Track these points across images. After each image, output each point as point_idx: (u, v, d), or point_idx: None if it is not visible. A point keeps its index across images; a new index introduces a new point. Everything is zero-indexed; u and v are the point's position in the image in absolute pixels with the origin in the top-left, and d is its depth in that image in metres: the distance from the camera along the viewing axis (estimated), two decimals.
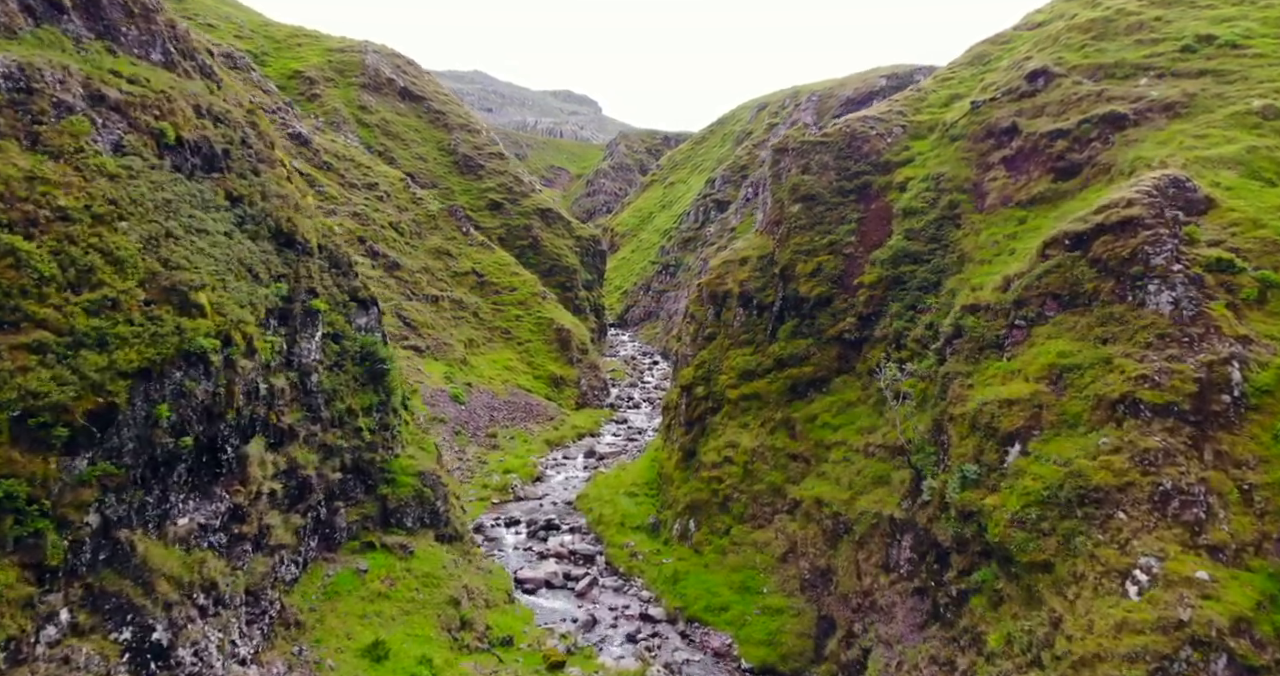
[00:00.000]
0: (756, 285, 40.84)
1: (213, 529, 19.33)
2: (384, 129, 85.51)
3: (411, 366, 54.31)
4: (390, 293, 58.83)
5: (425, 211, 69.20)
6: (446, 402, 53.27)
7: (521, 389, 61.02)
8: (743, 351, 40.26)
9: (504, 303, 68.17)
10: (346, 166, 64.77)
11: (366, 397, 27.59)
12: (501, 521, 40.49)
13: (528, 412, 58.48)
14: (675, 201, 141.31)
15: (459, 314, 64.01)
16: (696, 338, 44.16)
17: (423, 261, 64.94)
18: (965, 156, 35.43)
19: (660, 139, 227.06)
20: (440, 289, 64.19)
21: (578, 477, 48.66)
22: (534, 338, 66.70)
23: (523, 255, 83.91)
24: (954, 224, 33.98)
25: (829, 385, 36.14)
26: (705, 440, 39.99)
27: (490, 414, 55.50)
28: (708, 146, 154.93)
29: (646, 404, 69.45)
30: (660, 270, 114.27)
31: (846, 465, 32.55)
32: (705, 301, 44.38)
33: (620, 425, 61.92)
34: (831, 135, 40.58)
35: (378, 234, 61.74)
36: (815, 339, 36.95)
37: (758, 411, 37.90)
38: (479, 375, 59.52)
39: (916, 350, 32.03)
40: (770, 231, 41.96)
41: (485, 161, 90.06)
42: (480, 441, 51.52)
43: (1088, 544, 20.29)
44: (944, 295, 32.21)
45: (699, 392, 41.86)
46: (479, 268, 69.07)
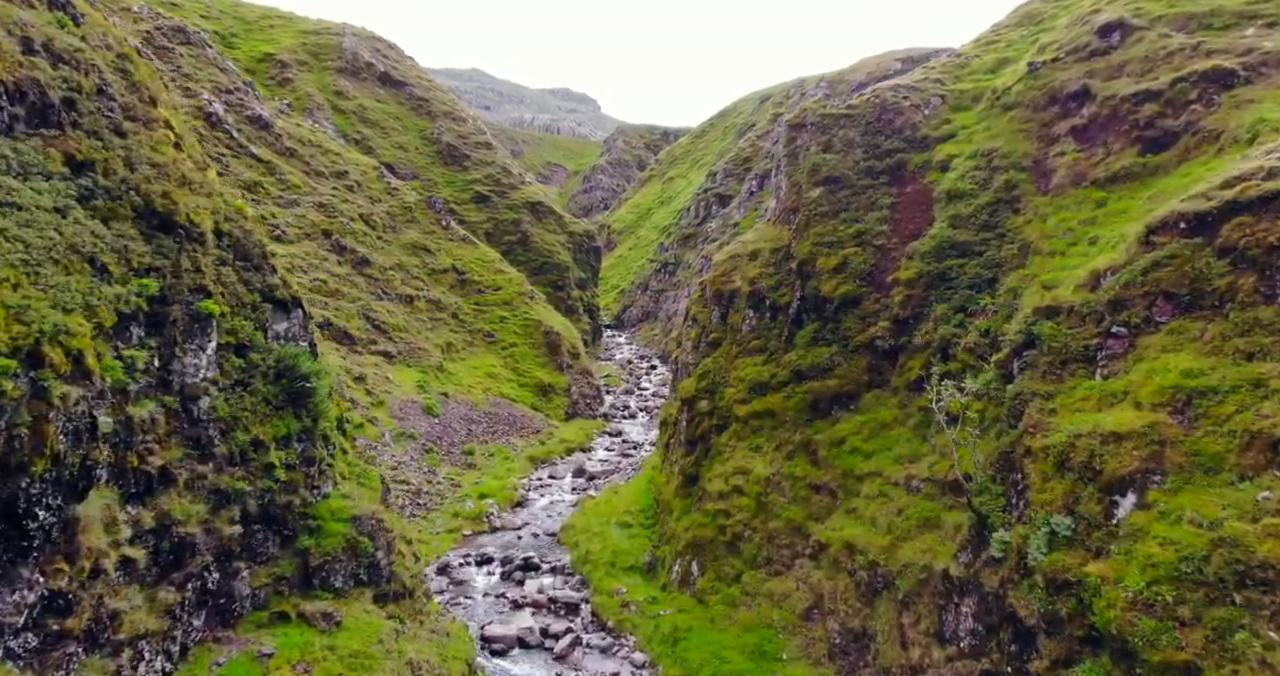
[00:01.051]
0: (769, 283, 35.01)
1: (11, 630, 13.48)
2: (361, 116, 79.65)
3: (379, 374, 48.50)
4: (358, 292, 53.00)
5: (401, 203, 63.32)
6: (418, 415, 47.41)
7: (505, 398, 55.16)
8: (753, 360, 34.43)
9: (487, 303, 62.31)
10: (312, 153, 58.90)
11: (283, 424, 21.71)
12: (472, 559, 34.63)
13: (511, 425, 52.62)
14: (675, 197, 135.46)
15: (436, 315, 58.14)
16: (699, 344, 38.33)
17: (396, 257, 59.07)
18: (1022, 128, 29.57)
19: (659, 134, 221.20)
20: (416, 288, 58.32)
21: (564, 502, 42.78)
22: (520, 341, 60.85)
23: (511, 252, 78.13)
24: (1012, 208, 28.13)
25: (858, 402, 30.30)
26: (710, 464, 34.15)
27: (468, 427, 49.64)
28: (708, 140, 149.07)
29: (643, 413, 63.60)
30: (659, 268, 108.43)
31: (883, 502, 26.70)
32: (709, 302, 38.54)
33: (614, 438, 56.05)
34: (858, 107, 34.73)
35: (345, 227, 55.86)
36: (840, 346, 31.12)
37: (772, 432, 32.05)
38: (457, 383, 53.66)
39: (969, 362, 26.20)
40: (785, 220, 36.12)
41: (471, 151, 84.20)
42: (455, 459, 45.66)
43: (1254, 643, 14.46)
44: (1002, 294, 26.36)
45: (702, 407, 36.03)
46: (460, 264, 63.19)
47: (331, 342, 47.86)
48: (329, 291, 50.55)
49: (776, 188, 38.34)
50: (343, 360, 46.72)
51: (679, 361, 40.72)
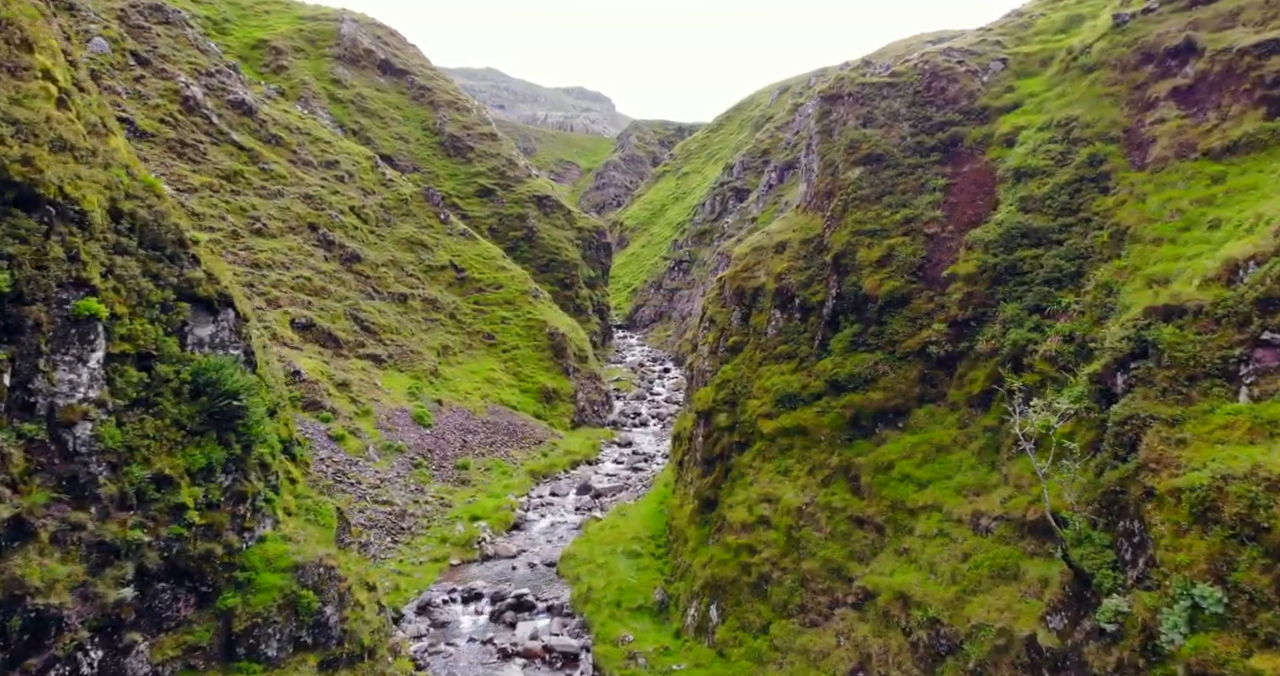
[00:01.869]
0: (799, 279, 30.36)
1: None
2: (359, 105, 75.62)
3: (365, 380, 44.26)
4: (346, 290, 48.82)
5: (396, 195, 59.13)
6: (407, 426, 43.13)
7: (505, 405, 50.81)
8: (781, 368, 29.82)
9: (487, 302, 58.00)
10: (300, 140, 54.81)
11: (201, 454, 17.38)
12: (458, 595, 30.25)
13: (511, 435, 48.25)
14: (689, 192, 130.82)
15: (432, 315, 53.89)
16: (717, 348, 33.76)
17: (390, 253, 54.88)
18: (1108, 92, 24.74)
19: (674, 130, 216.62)
20: (410, 286, 54.10)
21: (566, 524, 38.33)
22: (522, 343, 56.49)
23: (516, 248, 73.85)
24: (1099, 187, 23.33)
25: (907, 419, 25.64)
26: (731, 488, 29.59)
27: (463, 438, 45.31)
28: (724, 134, 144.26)
29: (655, 421, 59.06)
30: (673, 266, 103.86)
31: (944, 543, 22.02)
32: (728, 301, 33.96)
33: (623, 449, 51.55)
34: (903, 74, 30.02)
35: (334, 220, 51.71)
36: (886, 353, 26.45)
37: (803, 452, 27.43)
38: (452, 389, 49.37)
39: (1050, 374, 21.49)
40: (817, 207, 31.48)
41: (475, 143, 80.00)
42: (446, 475, 41.32)
43: None
44: (1091, 291, 21.61)
45: (721, 422, 31.48)
46: (459, 260, 58.92)
47: (314, 346, 43.72)
48: (313, 290, 46.40)
49: (806, 170, 33.73)
50: (325, 365, 42.54)
51: (694, 368, 36.16)
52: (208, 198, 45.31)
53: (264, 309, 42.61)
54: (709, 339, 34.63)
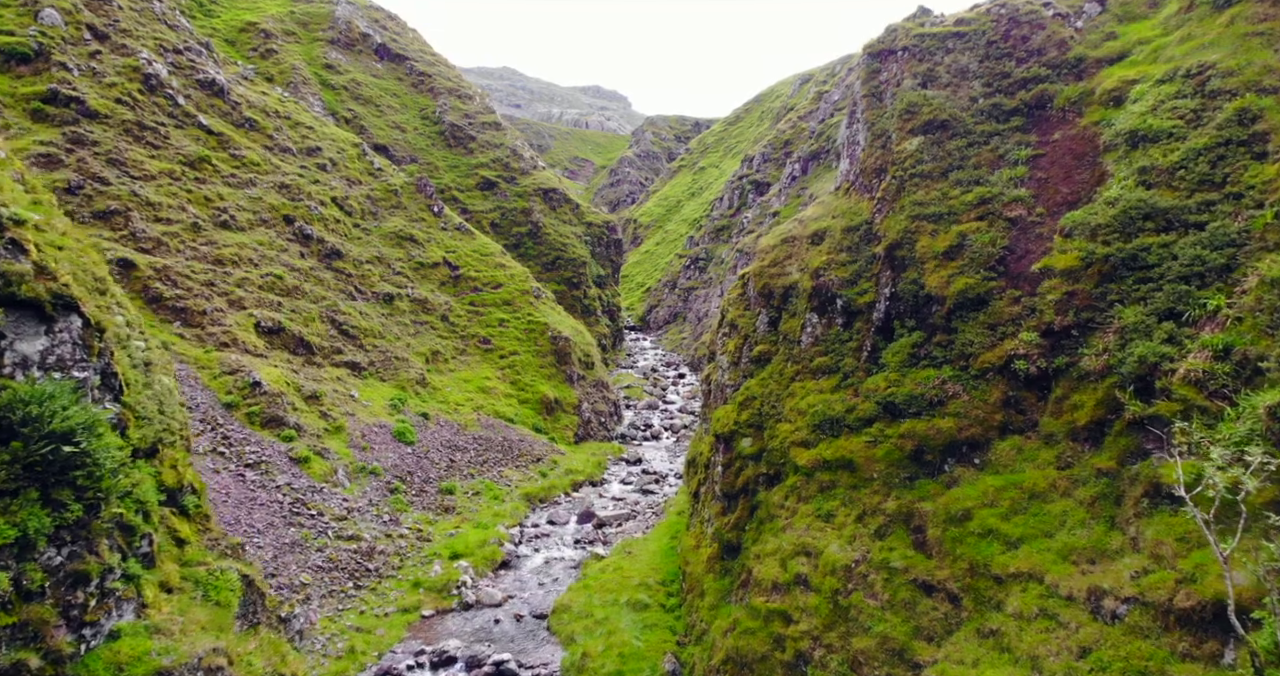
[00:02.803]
0: (841, 275, 24.79)
1: None
2: (353, 92, 70.74)
3: (340, 392, 39.17)
4: (323, 290, 43.78)
5: (385, 185, 54.07)
6: (386, 444, 37.98)
7: (500, 418, 45.57)
8: (819, 385, 24.29)
9: (484, 303, 52.83)
10: (277, 125, 49.87)
11: (9, 521, 12.16)
12: (426, 659, 24.98)
13: (505, 452, 42.99)
14: (706, 187, 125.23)
15: (421, 318, 48.78)
16: (739, 358, 28.28)
17: (376, 248, 49.83)
18: (1258, 31, 18.98)
19: (690, 125, 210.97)
20: (398, 285, 49.03)
21: (563, 561, 33.00)
22: (522, 348, 51.24)
23: (519, 245, 68.68)
24: (1252, 152, 17.61)
25: (986, 454, 20.07)
26: (758, 532, 24.13)
27: (450, 457, 40.10)
28: (742, 126, 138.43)
29: (669, 433, 53.63)
30: (688, 264, 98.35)
31: (1049, 629, 16.41)
32: (753, 302, 28.47)
33: (632, 467, 46.16)
34: (972, 22, 24.38)
35: (313, 212, 46.70)
36: (956, 369, 20.89)
37: (851, 493, 21.89)
38: (441, 401, 44.19)
39: (1197, 401, 15.86)
40: (864, 188, 25.92)
41: (477, 132, 74.94)
42: (428, 501, 36.12)
43: None
44: (1255, 290, 15.94)
45: (744, 448, 26.02)
46: (453, 257, 53.78)
47: (282, 352, 38.68)
48: (284, 289, 41.39)
49: (849, 144, 28.08)
50: (293, 374, 37.48)
51: (712, 381, 30.64)
52: (167, 186, 40.42)
53: (224, 311, 37.64)
54: (729, 347, 29.11)
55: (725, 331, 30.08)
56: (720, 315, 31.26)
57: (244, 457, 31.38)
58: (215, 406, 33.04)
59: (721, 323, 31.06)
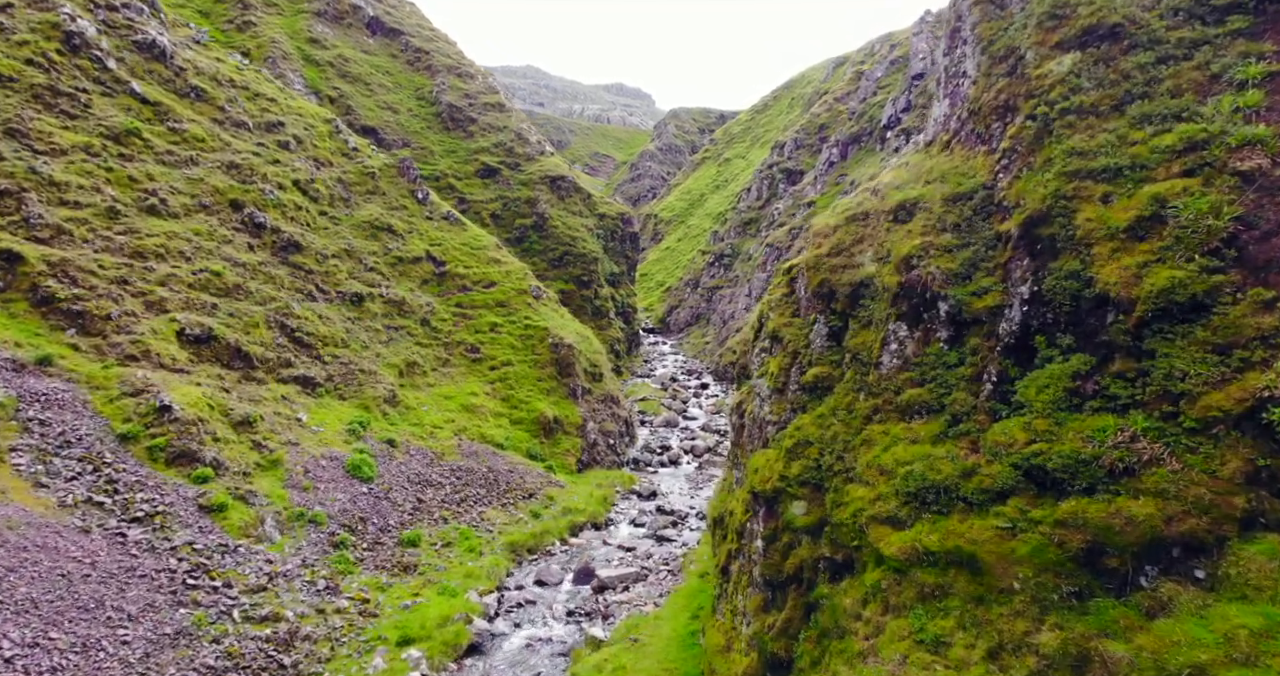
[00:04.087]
0: (945, 266, 16.64)
1: None
2: (340, 69, 63.61)
3: (284, 415, 31.83)
4: (274, 289, 36.45)
5: (360, 168, 46.71)
6: (336, 481, 30.48)
7: (486, 443, 37.93)
8: (912, 429, 16.25)
9: (473, 304, 45.26)
10: (231, 95, 42.66)
11: None
12: None
13: (490, 487, 35.34)
14: (732, 179, 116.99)
15: (397, 322, 41.30)
16: (785, 384, 20.25)
17: (345, 240, 42.44)
18: None
19: (715, 117, 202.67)
20: (369, 283, 41.59)
21: (550, 643, 25.20)
22: (517, 357, 43.58)
23: (523, 238, 61.15)
24: None
25: (1219, 561, 11.88)
26: (822, 653, 16.17)
27: (418, 496, 32.51)
28: (771, 114, 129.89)
29: (689, 458, 45.69)
30: (712, 261, 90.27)
31: None
32: (804, 305, 20.44)
33: (646, 502, 38.29)
34: None
35: (267, 197, 39.38)
36: (1157, 416, 12.74)
37: (974, 610, 13.79)
38: (414, 423, 36.64)
39: None
40: (976, 137, 17.78)
41: (478, 114, 67.51)
42: (383, 558, 28.53)
43: None
44: None
45: (796, 516, 18.10)
46: (438, 251, 46.29)
47: (211, 366, 31.34)
48: (222, 288, 34.08)
49: (949, 77, 19.74)
50: (222, 394, 30.13)
51: (746, 412, 22.57)
52: (80, 163, 33.31)
53: (137, 316, 30.39)
54: (771, 367, 21.06)
55: (764, 345, 22.03)
56: (759, 323, 23.22)
57: (132, 508, 24.00)
58: (105, 439, 25.72)
59: (759, 333, 23.02)
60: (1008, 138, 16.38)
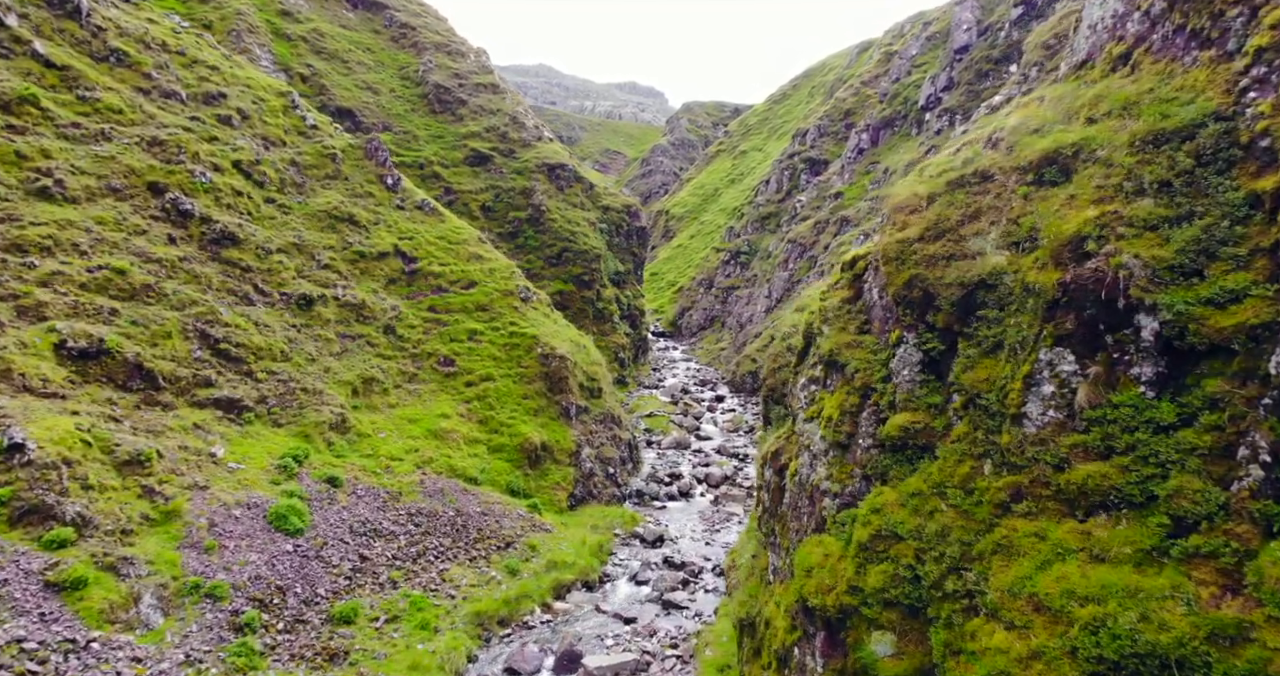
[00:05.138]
0: (1148, 253, 9.64)
1: None
2: (315, 45, 57.15)
3: (193, 450, 25.42)
4: (197, 290, 29.92)
5: (319, 148, 40.13)
6: (255, 535, 23.87)
7: (457, 478, 31.24)
8: (1094, 537, 9.36)
9: (449, 308, 38.60)
10: (161, 61, 36.21)
11: None
12: None
13: (458, 536, 28.62)
14: (748, 173, 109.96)
15: (354, 329, 34.69)
16: (851, 434, 13.31)
17: (296, 233, 35.89)
18: None
19: (729, 111, 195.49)
20: (323, 282, 35.01)
21: None
22: (499, 371, 36.86)
23: (518, 233, 54.48)
24: None
25: None
26: None
27: (361, 552, 25.82)
28: (789, 104, 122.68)
29: (704, 488, 38.84)
30: (728, 259, 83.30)
31: None
32: (879, 315, 13.51)
33: (651, 550, 31.47)
34: None
35: (197, 180, 32.87)
36: None
37: None
38: (366, 455, 30.00)
39: None
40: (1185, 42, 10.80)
41: (469, 96, 60.93)
42: (304, 642, 21.83)
43: None
44: None
45: (877, 658, 11.17)
46: (409, 245, 39.65)
47: (98, 387, 24.80)
48: (125, 290, 27.58)
49: None
50: (108, 424, 23.60)
51: (789, 472, 15.62)
52: None
53: (1, 325, 23.90)
54: (827, 408, 14.12)
55: (815, 373, 15.07)
56: (802, 339, 16.22)
57: None
58: None
59: (806, 354, 16.08)
60: (1265, 29, 9.41)
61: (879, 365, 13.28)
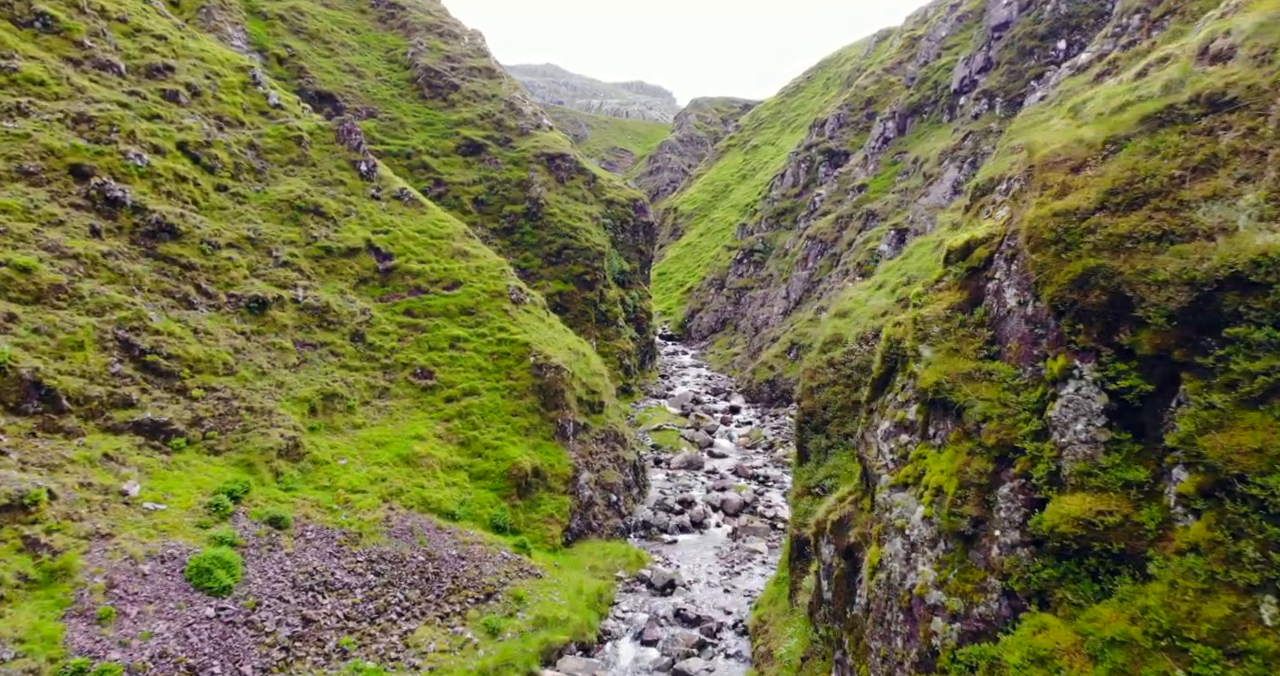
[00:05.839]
0: None
1: None
2: (294, 24, 52.54)
3: (101, 487, 20.90)
4: (123, 292, 25.30)
5: (283, 130, 35.45)
6: (167, 597, 19.18)
7: (430, 513, 26.49)
8: None
9: (428, 311, 33.87)
10: (98, 28, 31.60)
11: None
12: None
13: (427, 586, 23.84)
14: (761, 168, 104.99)
15: (316, 337, 29.98)
16: (983, 521, 8.35)
17: (251, 225, 31.20)
18: None
19: (739, 106, 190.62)
20: (280, 282, 30.31)
21: None
22: (485, 384, 32.09)
23: (514, 228, 49.84)
24: None
25: None
26: None
27: (306, 610, 21.05)
28: (803, 97, 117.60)
29: (720, 517, 34.01)
30: (739, 258, 78.38)
31: None
32: (1020, 331, 8.58)
33: (660, 599, 26.62)
34: None
35: (131, 164, 28.23)
36: None
37: None
38: (322, 487, 25.29)
39: None
40: None
41: (462, 80, 56.25)
42: None
43: None
44: None
45: None
46: (384, 240, 34.93)
47: None
48: (29, 291, 22.98)
49: None
50: None
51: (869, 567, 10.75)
52: None
53: None
54: (933, 475, 9.24)
55: (908, 416, 10.19)
56: (885, 363, 11.29)
57: None
58: None
59: (887, 384, 11.15)
60: None
61: (1025, 411, 8.41)
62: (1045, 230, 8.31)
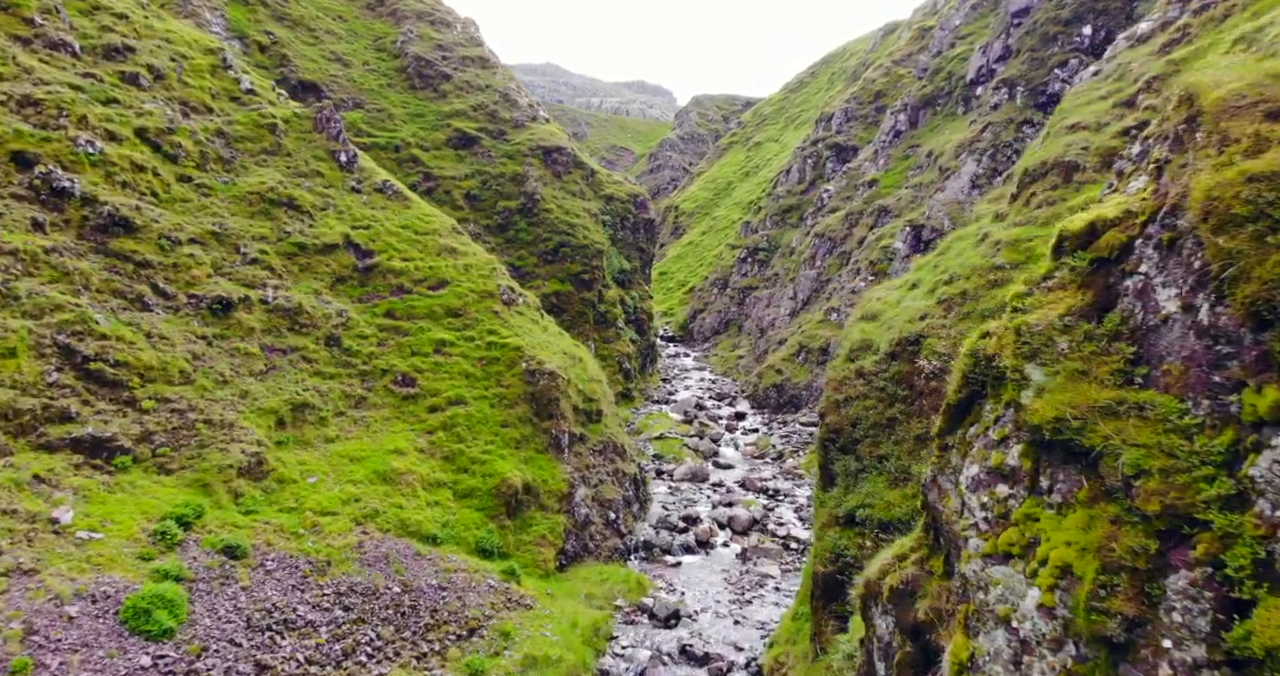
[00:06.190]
0: None
1: None
2: (277, 10, 50.00)
3: (25, 515, 18.13)
4: (67, 292, 22.80)
5: (255, 117, 32.85)
6: (96, 643, 16.56)
7: (409, 537, 23.91)
8: None
9: (411, 313, 31.28)
10: (49, 4, 28.98)
11: None
12: None
13: (403, 621, 21.25)
14: (764, 165, 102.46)
15: (286, 341, 27.39)
16: (1132, 625, 5.83)
17: (218, 219, 28.61)
18: None
19: (740, 104, 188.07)
20: (248, 281, 27.71)
21: None
22: (473, 392, 29.50)
23: (508, 225, 47.33)
24: None
25: None
26: None
27: (260, 655, 18.44)
28: (808, 93, 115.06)
29: (726, 534, 31.44)
30: (743, 257, 75.84)
31: None
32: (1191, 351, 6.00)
33: (663, 632, 24.03)
34: None
35: (81, 152, 25.66)
36: None
37: None
38: (287, 509, 22.73)
39: None
40: None
41: (454, 70, 53.70)
42: None
43: None
44: None
45: None
46: (364, 236, 32.33)
47: None
48: None
49: None
50: None
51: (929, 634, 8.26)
52: None
53: None
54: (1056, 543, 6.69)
55: (1008, 460, 7.65)
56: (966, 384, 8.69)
57: None
58: None
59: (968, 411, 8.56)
60: None
61: (1206, 465, 5.82)
62: (1235, 202, 5.74)
